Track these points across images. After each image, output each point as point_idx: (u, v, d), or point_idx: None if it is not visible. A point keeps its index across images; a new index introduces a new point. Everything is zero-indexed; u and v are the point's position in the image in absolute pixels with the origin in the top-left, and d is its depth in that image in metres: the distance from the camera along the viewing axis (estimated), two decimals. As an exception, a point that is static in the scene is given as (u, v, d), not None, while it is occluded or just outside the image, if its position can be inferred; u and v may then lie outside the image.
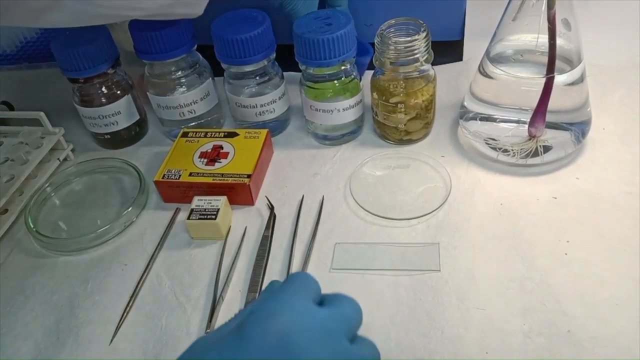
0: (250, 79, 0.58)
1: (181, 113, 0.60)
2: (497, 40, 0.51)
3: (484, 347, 0.39)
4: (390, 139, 0.58)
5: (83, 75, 0.57)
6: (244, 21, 0.55)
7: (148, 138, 0.65)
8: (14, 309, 0.48)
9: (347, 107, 0.56)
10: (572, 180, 0.51)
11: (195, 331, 0.44)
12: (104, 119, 0.60)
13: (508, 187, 0.51)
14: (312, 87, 0.56)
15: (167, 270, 0.49)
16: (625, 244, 0.45)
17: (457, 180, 0.52)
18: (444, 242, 0.47)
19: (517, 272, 0.44)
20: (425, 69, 0.54)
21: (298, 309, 0.30)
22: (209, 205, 0.51)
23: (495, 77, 0.51)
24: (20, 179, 0.56)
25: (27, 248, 0.53)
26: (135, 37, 0.56)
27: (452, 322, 0.41)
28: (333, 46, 0.52)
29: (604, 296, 0.41)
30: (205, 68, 0.60)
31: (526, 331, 0.40)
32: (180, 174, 0.54)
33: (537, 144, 0.50)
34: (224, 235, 0.51)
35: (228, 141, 0.57)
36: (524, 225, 0.47)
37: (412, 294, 0.44)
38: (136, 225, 0.54)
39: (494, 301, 0.42)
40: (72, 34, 0.58)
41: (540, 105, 0.49)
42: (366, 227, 0.50)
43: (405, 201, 0.51)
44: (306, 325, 0.30)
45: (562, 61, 0.49)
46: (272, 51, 0.57)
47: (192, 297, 0.46)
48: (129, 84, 0.61)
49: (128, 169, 0.58)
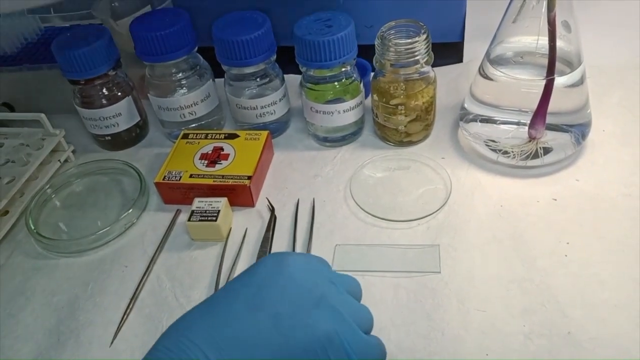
0: (250, 81, 0.58)
1: (182, 115, 0.60)
2: (497, 42, 0.51)
3: (484, 349, 0.40)
4: (391, 140, 0.58)
5: (84, 76, 0.57)
6: (245, 23, 0.55)
7: (149, 139, 0.65)
8: (14, 310, 0.48)
9: (347, 108, 0.56)
10: (572, 182, 0.51)
11: (196, 332, 0.44)
12: (104, 121, 0.60)
13: (508, 188, 0.51)
14: (312, 88, 0.56)
15: (168, 271, 0.49)
16: (624, 245, 0.45)
17: (457, 182, 0.52)
18: (444, 244, 0.47)
19: (517, 274, 0.44)
20: (426, 71, 0.54)
21: (300, 256, 0.37)
22: (210, 206, 0.51)
23: (496, 79, 0.51)
24: (21, 181, 0.57)
25: (28, 249, 0.53)
26: (136, 38, 0.56)
27: (452, 324, 0.41)
28: (333, 48, 0.52)
29: (604, 297, 0.42)
30: (206, 70, 0.60)
31: (526, 332, 0.40)
32: (181, 175, 0.54)
33: (537, 146, 0.50)
34: (224, 237, 0.51)
35: (228, 143, 0.57)
36: (524, 227, 0.48)
37: (413, 296, 0.44)
38: (137, 226, 0.54)
39: (494, 303, 0.42)
40: (73, 36, 0.58)
41: (540, 107, 0.49)
42: (366, 229, 0.50)
43: (406, 203, 0.52)
44: (303, 262, 0.36)
45: (562, 63, 0.49)
46: (272, 53, 0.57)
47: (192, 298, 0.46)
48: (130, 86, 0.62)
49: (129, 170, 0.59)
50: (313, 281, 0.34)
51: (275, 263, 0.35)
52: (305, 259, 0.37)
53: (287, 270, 0.34)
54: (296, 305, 0.33)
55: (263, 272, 0.35)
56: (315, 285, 0.34)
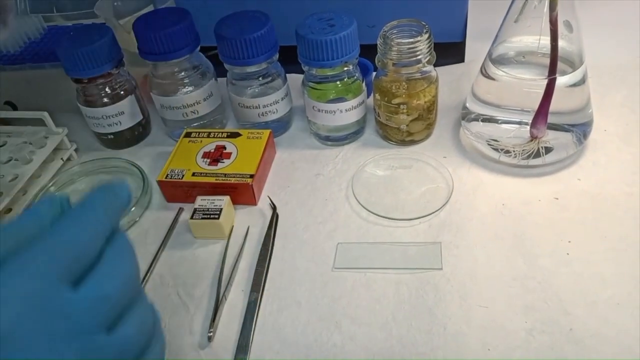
0: (253, 80, 0.58)
1: (184, 113, 0.60)
2: (499, 42, 0.51)
3: (486, 344, 0.40)
4: (393, 139, 0.58)
5: (87, 75, 0.57)
6: (248, 22, 0.56)
7: (151, 138, 0.65)
8: (17, 307, 0.48)
9: (349, 107, 0.56)
10: (574, 181, 0.51)
11: (199, 330, 0.44)
12: (107, 119, 0.60)
13: (510, 187, 0.51)
14: (314, 87, 0.56)
15: (170, 269, 0.49)
16: (626, 243, 0.45)
17: (459, 181, 0.53)
18: (446, 242, 0.47)
19: (519, 271, 0.44)
20: (428, 70, 0.54)
21: (24, 295, 0.23)
22: (212, 205, 0.51)
23: (497, 78, 0.51)
24: (24, 179, 0.57)
25: (31, 247, 0.53)
26: (139, 37, 0.56)
27: (454, 319, 0.41)
28: (336, 47, 0.52)
29: (606, 295, 0.42)
30: (208, 69, 0.61)
31: (528, 329, 0.40)
32: (184, 174, 0.54)
33: (539, 145, 0.50)
34: (226, 235, 0.51)
35: (231, 141, 0.57)
36: (525, 226, 0.48)
37: (414, 292, 0.44)
38: (139, 225, 0.54)
39: (496, 299, 0.42)
40: (76, 35, 0.58)
41: (542, 107, 0.49)
42: (368, 227, 0.50)
43: (408, 201, 0.52)
44: (36, 320, 0.23)
45: (564, 63, 0.49)
46: (275, 52, 0.57)
47: (195, 296, 0.47)
48: (133, 85, 0.62)
49: (131, 169, 0.59)
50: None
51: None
52: (41, 323, 0.23)
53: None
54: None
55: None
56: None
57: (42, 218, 0.28)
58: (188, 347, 0.43)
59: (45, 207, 0.29)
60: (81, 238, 0.27)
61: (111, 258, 0.28)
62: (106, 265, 0.27)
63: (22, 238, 0.26)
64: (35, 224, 0.28)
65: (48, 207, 0.29)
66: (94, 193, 0.30)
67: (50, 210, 0.29)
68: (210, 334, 0.43)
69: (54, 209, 0.29)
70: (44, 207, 0.29)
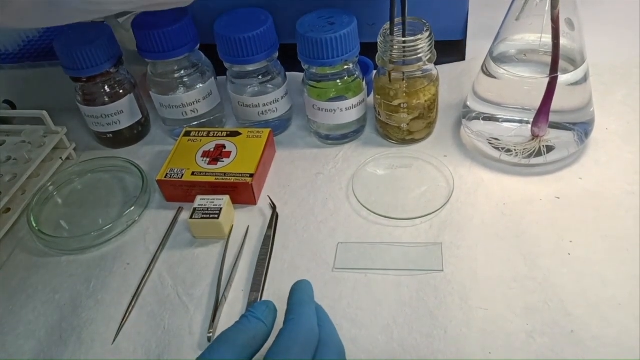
0: (252, 78, 0.58)
1: (184, 112, 0.60)
2: (500, 40, 0.51)
3: (487, 347, 0.39)
4: (393, 138, 0.58)
5: (86, 74, 0.57)
6: (247, 20, 0.55)
7: (150, 137, 0.65)
8: (16, 307, 0.48)
9: (349, 106, 0.56)
10: (575, 180, 0.51)
11: (198, 331, 0.44)
12: (106, 118, 0.60)
13: (511, 186, 0.51)
14: (314, 86, 0.56)
15: (170, 269, 0.49)
16: (627, 243, 0.45)
17: (459, 180, 0.52)
18: (446, 242, 0.47)
19: (520, 272, 0.44)
20: (428, 69, 0.54)
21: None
22: (212, 204, 0.51)
23: (499, 76, 0.51)
24: (22, 178, 0.56)
25: (30, 247, 0.53)
26: (138, 36, 0.56)
27: (455, 322, 0.41)
28: (336, 45, 0.52)
29: (607, 295, 0.41)
30: (207, 67, 0.60)
31: (529, 331, 0.40)
32: (183, 173, 0.54)
33: (540, 144, 0.50)
34: (226, 235, 0.51)
35: (230, 140, 0.57)
36: (526, 225, 0.47)
37: (415, 294, 0.44)
38: (139, 224, 0.54)
39: (497, 301, 0.42)
40: (75, 33, 0.58)
41: (543, 105, 0.49)
42: (369, 227, 0.50)
43: (408, 201, 0.51)
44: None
45: (565, 61, 0.49)
46: (274, 50, 0.57)
47: (194, 296, 0.46)
48: (132, 83, 0.61)
49: (130, 168, 0.58)
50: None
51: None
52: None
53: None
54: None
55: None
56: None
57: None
58: (188, 347, 0.43)
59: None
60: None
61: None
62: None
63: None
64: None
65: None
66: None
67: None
68: (210, 334, 0.43)
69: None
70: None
